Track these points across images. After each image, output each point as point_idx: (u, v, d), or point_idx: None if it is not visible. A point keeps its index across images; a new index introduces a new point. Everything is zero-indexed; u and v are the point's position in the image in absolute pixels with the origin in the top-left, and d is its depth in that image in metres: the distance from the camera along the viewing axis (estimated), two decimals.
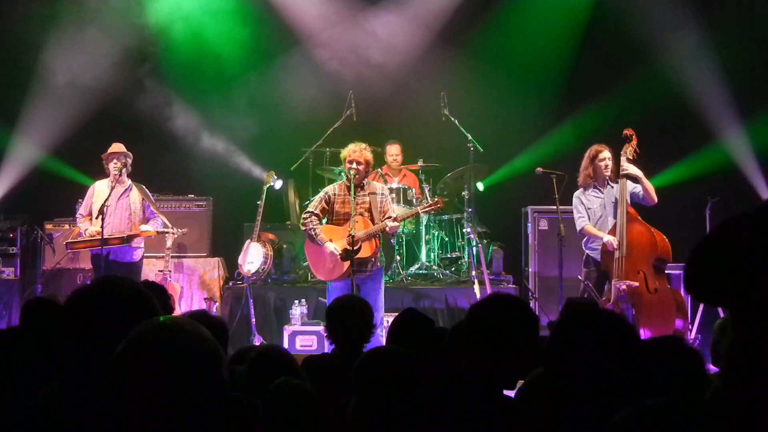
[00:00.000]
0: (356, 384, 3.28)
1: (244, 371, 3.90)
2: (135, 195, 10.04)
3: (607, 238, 8.89)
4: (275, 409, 3.44)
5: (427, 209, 9.41)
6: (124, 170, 9.93)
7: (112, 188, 9.78)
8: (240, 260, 10.59)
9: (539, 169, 9.82)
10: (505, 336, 3.30)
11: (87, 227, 9.82)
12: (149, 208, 10.11)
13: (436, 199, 9.45)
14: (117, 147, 10.01)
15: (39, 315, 4.68)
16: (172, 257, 10.50)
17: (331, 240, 8.91)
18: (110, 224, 9.79)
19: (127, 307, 2.52)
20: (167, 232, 10.05)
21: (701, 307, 10.16)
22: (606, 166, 9.17)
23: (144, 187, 10.21)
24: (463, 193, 11.74)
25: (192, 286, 11.48)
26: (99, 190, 9.99)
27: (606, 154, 9.19)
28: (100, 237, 9.47)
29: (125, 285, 2.64)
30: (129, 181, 10.10)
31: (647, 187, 8.98)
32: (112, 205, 9.84)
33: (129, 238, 9.77)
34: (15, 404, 2.67)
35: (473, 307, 3.47)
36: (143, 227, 9.93)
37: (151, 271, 10.57)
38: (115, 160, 9.91)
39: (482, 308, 3.41)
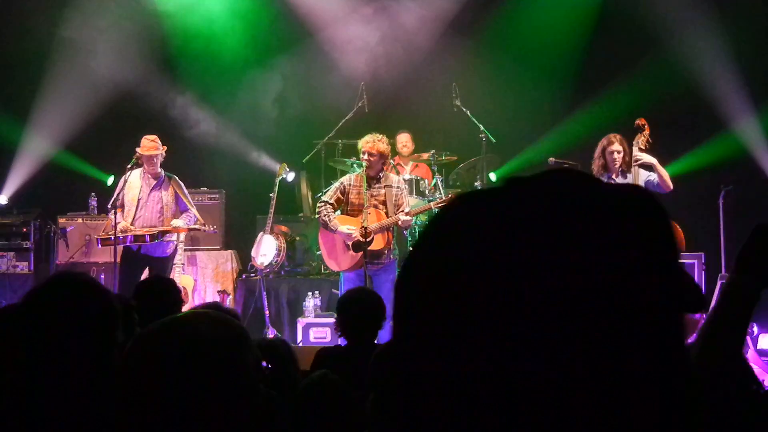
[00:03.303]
0: (371, 379, 3.27)
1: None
2: (168, 187, 9.87)
3: None
4: (309, 403, 3.43)
5: (439, 205, 9.40)
6: (158, 163, 9.79)
7: (125, 181, 9.69)
8: (253, 253, 10.60)
9: (552, 159, 9.80)
10: None
11: (119, 221, 9.60)
12: (182, 201, 9.95)
13: (449, 196, 9.45)
14: (152, 147, 9.74)
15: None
16: (186, 250, 10.50)
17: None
18: (141, 218, 9.67)
19: (83, 303, 2.55)
20: (198, 229, 9.94)
21: (715, 296, 10.13)
22: (615, 159, 9.13)
23: (177, 178, 10.04)
24: (475, 183, 11.72)
25: (205, 279, 11.49)
26: (130, 181, 9.79)
27: (616, 146, 9.13)
28: (132, 232, 9.44)
29: (80, 281, 2.67)
30: (163, 173, 9.92)
31: (662, 174, 8.94)
32: (144, 198, 9.72)
33: (160, 234, 9.65)
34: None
35: None
36: (175, 222, 9.77)
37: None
38: (151, 160, 9.72)
39: None
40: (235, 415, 1.95)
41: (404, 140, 12.18)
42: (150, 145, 9.76)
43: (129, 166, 9.68)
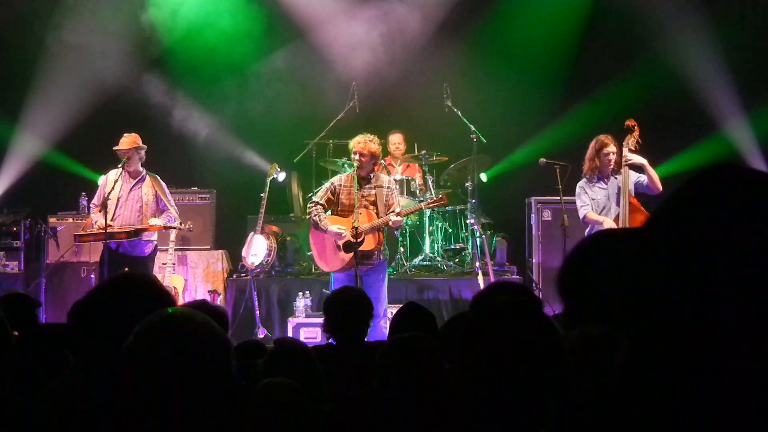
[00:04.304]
0: (381, 371, 3.27)
1: (263, 365, 3.90)
2: (148, 186, 9.79)
3: (609, 223, 8.86)
4: (263, 409, 3.45)
5: (431, 205, 9.42)
6: (129, 161, 9.75)
7: (115, 181, 9.63)
8: (244, 253, 10.59)
9: (543, 159, 9.80)
10: None
11: (98, 219, 9.54)
12: (162, 201, 9.84)
13: (440, 196, 9.45)
14: (124, 143, 9.72)
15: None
16: (176, 250, 10.48)
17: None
18: (120, 216, 9.57)
19: (145, 302, 2.62)
20: (174, 227, 9.90)
21: None
22: (610, 160, 9.13)
23: (158, 177, 9.97)
24: (466, 184, 11.72)
25: (196, 279, 11.48)
26: (112, 180, 9.71)
27: (611, 148, 9.14)
28: (110, 230, 9.34)
29: (144, 281, 2.80)
30: (143, 172, 9.85)
31: (652, 176, 8.95)
32: (124, 196, 9.64)
33: (136, 232, 9.58)
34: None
35: (476, 296, 3.46)
36: (152, 221, 9.68)
37: (155, 264, 10.54)
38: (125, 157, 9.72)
39: (484, 296, 3.42)
40: (216, 406, 2.03)
41: (397, 141, 12.19)
42: (123, 141, 9.76)
43: (120, 165, 9.64)
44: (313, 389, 3.67)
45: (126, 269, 9.42)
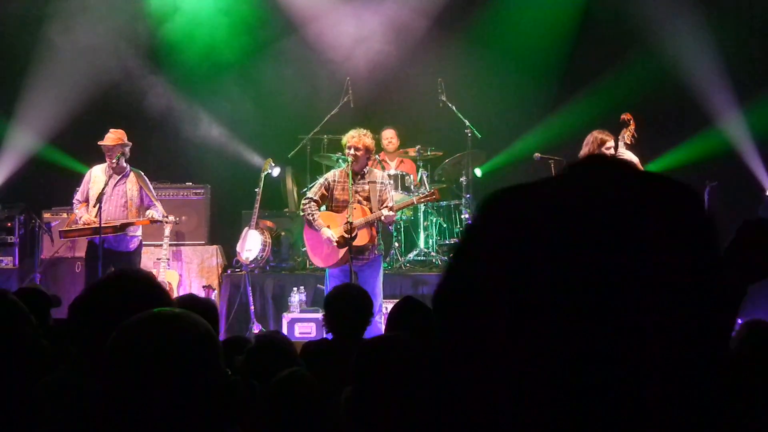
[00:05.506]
0: (354, 372, 3.24)
1: (241, 361, 3.91)
2: (132, 182, 9.75)
3: None
4: (280, 400, 3.44)
5: (423, 200, 9.40)
6: (121, 158, 9.74)
7: (110, 176, 9.62)
8: (238, 248, 10.58)
9: (537, 154, 9.81)
10: None
11: (82, 214, 9.57)
12: (147, 197, 9.81)
13: (432, 191, 9.43)
14: (109, 139, 9.73)
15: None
16: (170, 245, 10.45)
17: (328, 227, 8.90)
18: (105, 211, 9.47)
19: (141, 297, 2.64)
20: (160, 221, 9.86)
21: None
22: (611, 154, 9.14)
23: (142, 173, 9.94)
24: (461, 179, 11.73)
25: (190, 274, 11.46)
26: (95, 175, 9.74)
27: (611, 143, 9.14)
28: (95, 225, 9.28)
29: (139, 277, 2.86)
30: (127, 167, 9.83)
31: None
32: (108, 192, 9.59)
33: (122, 227, 9.55)
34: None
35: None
36: (148, 212, 9.71)
37: (149, 260, 10.52)
38: (109, 153, 9.72)
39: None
40: (203, 402, 2.05)
41: (389, 136, 12.19)
42: (108, 136, 9.75)
43: (115, 161, 9.63)
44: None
45: (112, 265, 9.42)
